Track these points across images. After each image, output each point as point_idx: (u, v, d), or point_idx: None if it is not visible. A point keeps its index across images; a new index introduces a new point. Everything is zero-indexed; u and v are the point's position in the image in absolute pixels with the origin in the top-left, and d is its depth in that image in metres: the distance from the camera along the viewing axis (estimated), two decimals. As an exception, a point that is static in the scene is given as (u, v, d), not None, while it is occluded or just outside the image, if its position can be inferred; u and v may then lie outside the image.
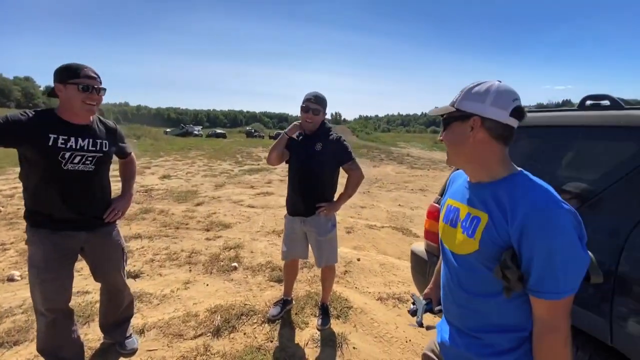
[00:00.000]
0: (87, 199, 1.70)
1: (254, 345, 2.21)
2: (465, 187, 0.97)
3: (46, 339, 1.75)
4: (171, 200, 6.18)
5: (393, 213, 5.90)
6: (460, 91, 0.90)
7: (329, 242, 2.32)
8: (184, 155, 14.73)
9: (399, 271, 3.51)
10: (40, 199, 1.61)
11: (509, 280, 0.79)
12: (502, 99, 0.84)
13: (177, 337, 2.28)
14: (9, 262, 3.36)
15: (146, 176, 8.87)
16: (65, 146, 1.57)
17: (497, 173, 0.88)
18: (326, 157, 2.21)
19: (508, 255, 0.80)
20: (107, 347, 2.13)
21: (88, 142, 1.64)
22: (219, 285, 3.05)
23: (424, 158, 17.57)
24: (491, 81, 0.87)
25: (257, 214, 5.47)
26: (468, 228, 0.89)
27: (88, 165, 1.65)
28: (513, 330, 0.88)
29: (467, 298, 0.93)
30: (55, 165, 1.56)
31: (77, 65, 1.57)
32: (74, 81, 1.54)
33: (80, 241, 1.73)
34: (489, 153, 0.87)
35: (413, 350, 2.27)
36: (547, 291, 0.77)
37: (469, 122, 0.86)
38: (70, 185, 1.62)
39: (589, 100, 1.52)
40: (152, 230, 4.46)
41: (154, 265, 3.41)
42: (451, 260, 0.97)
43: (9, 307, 2.55)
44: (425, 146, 29.17)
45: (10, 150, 1.58)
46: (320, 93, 2.25)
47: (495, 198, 0.85)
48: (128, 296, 2.06)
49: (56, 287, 1.67)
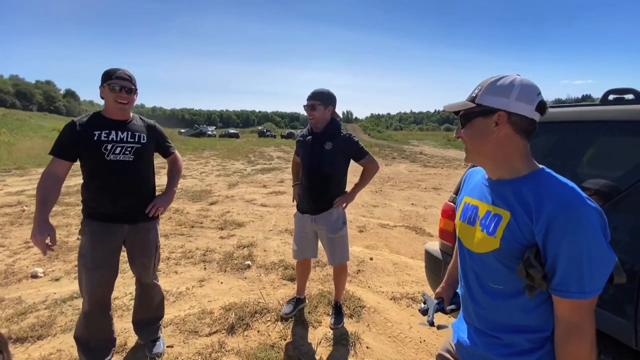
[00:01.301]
0: (129, 188, 1.83)
1: (267, 342, 2.23)
2: (484, 184, 0.95)
3: (83, 328, 1.84)
4: (186, 200, 6.30)
5: (406, 212, 5.85)
6: (479, 86, 0.87)
7: (340, 239, 2.32)
8: (198, 155, 14.97)
9: (412, 271, 3.48)
10: (90, 190, 1.79)
11: (532, 279, 0.77)
12: (527, 93, 0.82)
13: (193, 333, 2.32)
14: (33, 259, 3.49)
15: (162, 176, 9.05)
16: (107, 139, 1.75)
17: (519, 170, 0.85)
18: (337, 156, 2.20)
19: (532, 253, 0.78)
20: (133, 344, 2.19)
21: (127, 134, 1.82)
22: (233, 283, 3.09)
23: (438, 156, 17.32)
24: (512, 75, 0.85)
25: (270, 213, 5.51)
26: (488, 226, 0.87)
27: (128, 156, 1.81)
28: (534, 330, 0.86)
29: (485, 297, 0.91)
30: (100, 156, 1.74)
31: (114, 69, 1.78)
32: (108, 82, 1.75)
33: (124, 234, 1.85)
34: (512, 149, 0.85)
35: (427, 350, 2.24)
36: (572, 291, 0.75)
37: (493, 118, 0.84)
38: (114, 174, 1.78)
39: (612, 95, 1.46)
40: (168, 228, 4.55)
41: (170, 263, 3.48)
42: (469, 259, 0.95)
43: (33, 303, 2.65)
44: (439, 144, 28.75)
45: (33, 151, 1.69)
46: (323, 89, 2.20)
47: (517, 195, 0.83)
48: (159, 294, 2.13)
49: (98, 277, 1.77)
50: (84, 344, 1.87)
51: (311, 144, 2.24)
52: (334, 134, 2.22)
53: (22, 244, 3.88)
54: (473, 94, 0.88)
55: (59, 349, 2.12)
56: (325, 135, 2.22)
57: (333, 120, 2.26)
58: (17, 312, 2.52)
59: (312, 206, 2.28)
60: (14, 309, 2.56)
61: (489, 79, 0.87)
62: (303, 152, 2.29)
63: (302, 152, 2.31)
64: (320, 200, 2.25)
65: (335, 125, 2.25)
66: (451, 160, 15.38)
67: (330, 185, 2.25)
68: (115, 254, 1.84)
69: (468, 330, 1.00)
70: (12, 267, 3.30)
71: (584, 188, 1.37)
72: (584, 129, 1.55)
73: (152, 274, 2.04)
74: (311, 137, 2.26)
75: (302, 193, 2.32)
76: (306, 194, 2.28)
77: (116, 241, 1.84)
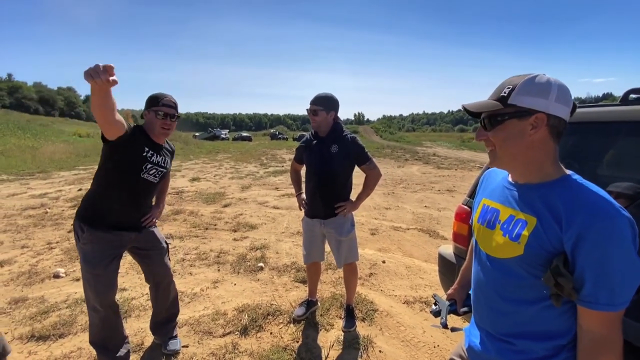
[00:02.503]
0: (144, 205, 1.96)
1: (280, 345, 2.24)
2: (506, 187, 0.92)
3: (97, 332, 1.89)
4: (200, 202, 6.41)
5: (419, 214, 5.78)
6: (508, 85, 0.81)
7: (348, 241, 2.31)
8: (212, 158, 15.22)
9: (426, 274, 3.43)
10: (109, 200, 1.80)
11: (562, 289, 0.75)
12: (564, 93, 0.78)
13: (207, 334, 2.35)
14: (55, 260, 3.62)
15: (177, 179, 9.24)
16: (151, 159, 1.83)
17: (548, 174, 0.82)
18: (343, 159, 2.20)
19: (560, 261, 0.75)
20: (149, 344, 2.24)
21: (161, 159, 1.91)
22: (246, 285, 3.12)
23: (451, 157, 17.06)
24: (542, 74, 0.80)
25: (282, 215, 5.54)
26: (511, 231, 0.84)
27: (156, 178, 1.90)
28: (550, 337, 0.83)
29: (501, 302, 0.89)
30: (137, 172, 1.79)
31: (161, 94, 1.85)
32: (155, 108, 1.81)
33: (130, 240, 1.90)
34: (544, 153, 0.82)
35: (441, 355, 2.20)
36: (602, 302, 0.72)
37: (529, 120, 0.79)
38: (139, 192, 1.86)
39: (633, 94, 1.42)
40: (182, 230, 4.64)
41: (185, 264, 3.55)
42: (486, 263, 0.93)
43: (55, 302, 2.75)
44: (453, 145, 28.32)
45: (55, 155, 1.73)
46: (326, 93, 2.20)
47: (545, 201, 0.80)
48: (173, 290, 2.18)
49: (107, 282, 1.82)
50: (102, 346, 1.91)
51: (318, 148, 2.24)
52: (338, 137, 2.22)
53: (45, 245, 4.03)
54: (503, 94, 0.81)
55: (79, 347, 2.19)
56: (331, 138, 2.22)
57: (336, 123, 2.25)
58: (40, 310, 2.62)
59: (323, 210, 2.28)
60: (37, 308, 2.66)
61: (519, 78, 0.81)
62: (310, 156, 2.29)
63: (309, 157, 2.31)
64: (332, 202, 2.25)
65: (338, 128, 2.24)
66: (465, 161, 15.12)
67: (338, 187, 2.26)
68: (119, 259, 1.89)
69: (480, 335, 0.98)
70: (36, 267, 3.43)
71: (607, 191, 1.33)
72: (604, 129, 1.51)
73: (168, 264, 2.10)
74: (316, 141, 2.26)
75: (312, 198, 2.32)
76: (317, 198, 2.28)
77: (122, 248, 1.89)
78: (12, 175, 9.39)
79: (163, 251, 2.06)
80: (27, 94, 63.50)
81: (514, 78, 0.82)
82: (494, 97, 0.84)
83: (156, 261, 2.03)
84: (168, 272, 2.10)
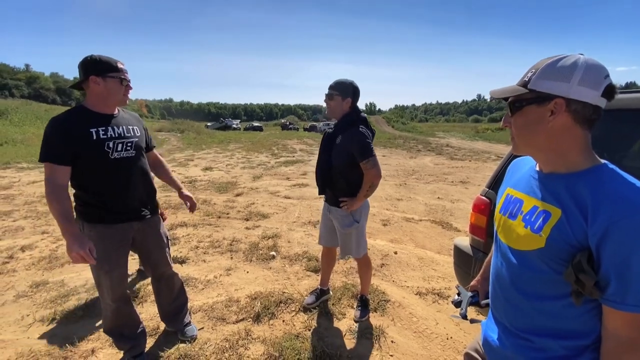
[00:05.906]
0: (136, 185, 1.78)
1: (292, 332, 2.26)
2: (533, 177, 0.87)
3: (112, 322, 1.90)
4: (213, 191, 6.48)
5: (432, 206, 5.70)
6: (533, 68, 0.77)
7: (347, 236, 2.26)
8: (224, 147, 15.31)
9: (438, 266, 3.39)
10: (93, 192, 1.68)
11: (583, 286, 0.71)
12: (592, 75, 0.71)
13: (221, 320, 2.39)
14: (74, 245, 3.72)
15: (190, 168, 9.36)
16: (107, 136, 1.63)
17: (576, 164, 0.77)
18: (341, 152, 2.11)
19: (584, 257, 0.70)
20: (164, 328, 2.30)
21: (123, 129, 1.71)
22: (258, 272, 3.15)
23: (465, 148, 16.72)
24: (574, 55, 0.74)
25: (293, 205, 5.55)
26: (533, 222, 0.80)
27: (130, 151, 1.73)
28: (571, 337, 0.79)
29: (520, 297, 0.85)
30: (104, 156, 1.63)
31: (111, 58, 1.63)
32: (115, 75, 1.62)
33: (133, 231, 1.82)
34: (569, 140, 0.76)
35: (454, 347, 2.19)
36: (630, 303, 0.68)
37: (548, 106, 0.75)
38: (120, 173, 1.71)
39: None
40: (196, 219, 4.71)
41: (199, 252, 3.60)
42: (506, 255, 0.89)
43: (74, 286, 2.84)
44: (467, 136, 27.73)
45: None
46: (345, 79, 2.13)
47: (572, 192, 0.75)
48: (178, 281, 2.17)
49: (118, 276, 1.80)
50: (117, 334, 1.93)
51: (328, 135, 2.22)
52: (345, 128, 2.12)
53: (64, 231, 4.15)
54: (525, 78, 0.78)
55: (98, 330, 2.26)
56: (340, 128, 2.15)
57: (350, 113, 2.14)
58: (60, 294, 2.71)
59: (327, 195, 2.30)
60: (57, 292, 2.76)
61: (545, 60, 0.77)
62: (322, 140, 2.28)
63: (322, 140, 2.30)
64: (327, 191, 2.25)
65: (349, 119, 2.13)
66: (479, 152, 14.80)
67: (340, 178, 2.18)
68: (126, 252, 1.84)
69: (497, 330, 0.95)
70: (56, 252, 3.54)
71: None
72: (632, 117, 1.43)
73: (170, 262, 2.07)
74: (332, 129, 2.24)
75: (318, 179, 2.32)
76: (322, 183, 2.28)
77: (127, 240, 1.81)
78: (32, 163, 9.69)
79: (166, 251, 2.02)
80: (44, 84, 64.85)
81: (543, 60, 0.78)
82: (519, 81, 0.80)
83: (157, 254, 1.98)
84: (169, 266, 2.06)
